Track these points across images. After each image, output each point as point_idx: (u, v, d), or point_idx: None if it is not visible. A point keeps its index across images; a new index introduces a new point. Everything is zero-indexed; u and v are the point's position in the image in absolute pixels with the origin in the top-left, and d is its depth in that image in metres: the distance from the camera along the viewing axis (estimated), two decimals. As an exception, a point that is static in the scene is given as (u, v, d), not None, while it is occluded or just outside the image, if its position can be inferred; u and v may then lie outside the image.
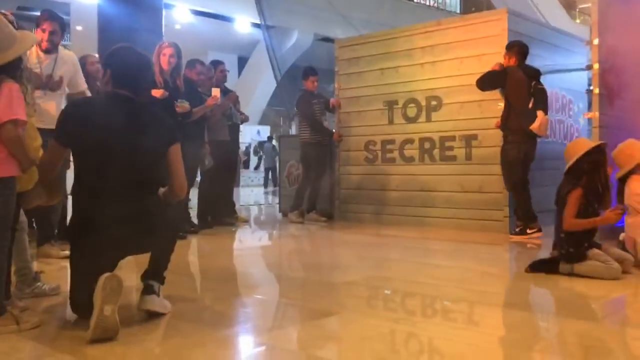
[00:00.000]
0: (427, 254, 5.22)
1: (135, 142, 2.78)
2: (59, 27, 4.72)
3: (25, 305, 2.88)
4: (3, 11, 3.59)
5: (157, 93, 5.47)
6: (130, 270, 3.70)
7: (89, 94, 4.99)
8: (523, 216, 5.71)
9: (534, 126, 5.50)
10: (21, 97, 2.61)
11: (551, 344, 2.63)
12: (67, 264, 2.97)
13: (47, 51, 4.66)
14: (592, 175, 3.86)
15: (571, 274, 3.78)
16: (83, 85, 4.95)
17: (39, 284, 3.27)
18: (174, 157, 2.93)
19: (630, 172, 4.22)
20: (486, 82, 5.79)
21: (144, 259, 2.98)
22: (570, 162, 3.89)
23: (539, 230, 5.61)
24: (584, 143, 4.02)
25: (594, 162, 3.87)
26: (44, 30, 4.63)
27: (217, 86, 6.73)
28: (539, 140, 5.82)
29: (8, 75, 2.61)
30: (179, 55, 5.88)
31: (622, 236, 4.33)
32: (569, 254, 3.83)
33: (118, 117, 2.78)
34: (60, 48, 4.83)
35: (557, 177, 4.07)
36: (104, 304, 2.43)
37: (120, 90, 2.86)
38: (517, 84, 5.61)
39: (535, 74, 5.70)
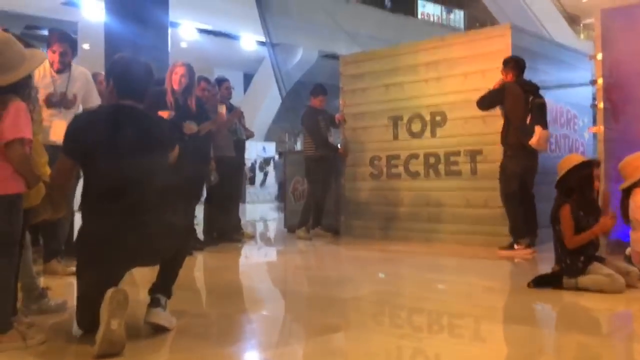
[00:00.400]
0: (433, 269, 5.20)
1: (138, 152, 2.81)
2: (69, 47, 4.79)
3: (31, 321, 2.89)
4: None
5: (164, 114, 5.51)
6: (136, 285, 3.71)
7: None
8: (512, 230, 5.71)
9: (533, 142, 5.50)
10: (28, 116, 2.65)
11: (557, 359, 2.61)
12: (73, 280, 2.97)
13: (58, 71, 4.74)
14: (582, 190, 3.90)
15: (576, 288, 3.76)
16: (96, 101, 4.99)
17: (45, 299, 3.28)
18: (171, 158, 3.02)
19: (634, 185, 4.22)
20: (485, 101, 5.80)
21: (152, 273, 3.00)
22: (559, 176, 3.92)
23: (527, 246, 5.60)
24: (574, 158, 4.07)
25: (584, 177, 3.91)
26: (54, 52, 4.72)
27: (222, 102, 6.78)
28: (544, 154, 5.82)
29: (17, 93, 2.64)
30: (190, 75, 5.92)
31: (628, 251, 4.32)
32: (568, 267, 3.84)
33: (120, 128, 2.81)
34: (74, 66, 4.91)
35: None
36: (111, 317, 2.44)
37: (123, 101, 2.90)
38: (514, 99, 5.62)
39: (532, 88, 5.70)
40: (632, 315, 3.41)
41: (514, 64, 5.75)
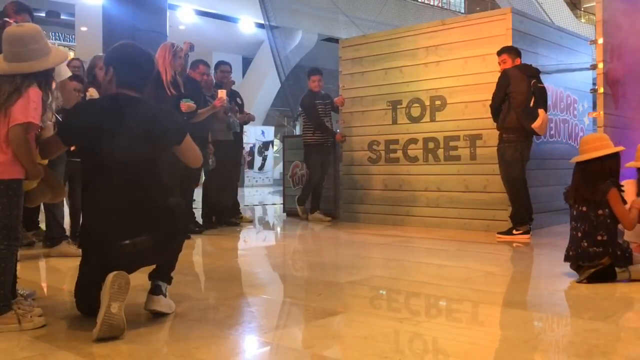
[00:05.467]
0: (431, 253, 5.22)
1: (146, 143, 2.75)
2: (29, 18, 4.60)
3: (31, 304, 2.90)
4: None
5: (189, 106, 5.63)
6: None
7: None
8: (513, 216, 5.71)
9: (536, 124, 5.48)
10: (38, 102, 2.64)
11: (556, 343, 2.62)
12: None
13: None
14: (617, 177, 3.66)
15: (629, 280, 3.59)
16: (65, 74, 4.76)
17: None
18: (187, 147, 2.97)
19: None
20: (495, 99, 5.70)
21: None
22: (591, 156, 3.59)
23: (526, 232, 5.62)
24: (609, 142, 3.69)
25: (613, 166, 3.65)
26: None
27: (220, 87, 6.74)
28: (544, 139, 5.81)
29: (37, 78, 2.68)
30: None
31: None
32: (618, 257, 3.57)
33: (122, 117, 2.74)
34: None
35: (561, 177, 4.03)
36: (112, 301, 2.45)
37: (125, 91, 2.83)
38: (517, 83, 5.59)
39: (534, 72, 5.68)
40: (629, 298, 3.42)
41: (515, 50, 5.73)
